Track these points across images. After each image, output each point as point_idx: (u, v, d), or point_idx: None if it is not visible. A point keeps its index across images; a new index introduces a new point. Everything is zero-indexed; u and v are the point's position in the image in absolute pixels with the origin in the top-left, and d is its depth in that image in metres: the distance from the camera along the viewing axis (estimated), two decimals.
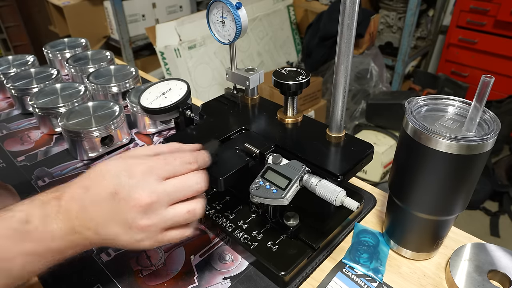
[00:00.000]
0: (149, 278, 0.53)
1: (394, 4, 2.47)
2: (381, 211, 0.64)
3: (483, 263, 0.51)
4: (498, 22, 2.19)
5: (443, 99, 0.48)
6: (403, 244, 0.55)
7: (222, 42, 0.62)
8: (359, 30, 2.22)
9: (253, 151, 0.54)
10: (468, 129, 0.44)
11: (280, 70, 0.59)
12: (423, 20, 2.61)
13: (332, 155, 0.54)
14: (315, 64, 2.40)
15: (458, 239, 0.58)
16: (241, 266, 0.55)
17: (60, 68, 1.13)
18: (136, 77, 0.95)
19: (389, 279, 0.53)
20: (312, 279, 0.53)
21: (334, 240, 0.58)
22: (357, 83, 2.34)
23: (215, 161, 0.47)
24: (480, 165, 0.44)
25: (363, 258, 0.55)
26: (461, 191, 0.46)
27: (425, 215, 0.50)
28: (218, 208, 0.61)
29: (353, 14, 0.45)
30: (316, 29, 2.35)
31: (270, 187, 0.48)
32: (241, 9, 0.57)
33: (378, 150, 1.97)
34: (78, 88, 0.90)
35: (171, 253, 0.57)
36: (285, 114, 0.61)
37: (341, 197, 0.46)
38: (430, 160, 0.44)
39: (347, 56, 0.49)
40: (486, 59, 2.34)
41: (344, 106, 0.53)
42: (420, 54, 2.68)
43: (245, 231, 0.57)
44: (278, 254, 0.53)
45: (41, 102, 0.85)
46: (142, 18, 2.50)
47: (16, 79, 0.96)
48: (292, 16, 2.75)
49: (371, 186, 0.70)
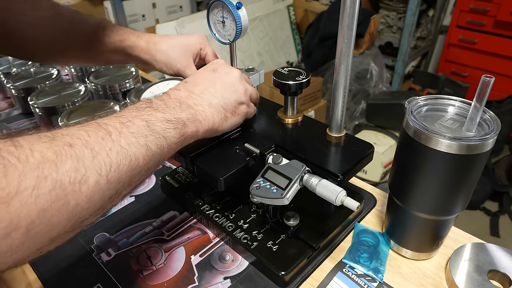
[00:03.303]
0: (149, 278, 0.53)
1: (394, 4, 2.47)
2: (381, 211, 0.64)
3: (483, 263, 0.51)
4: (498, 22, 2.19)
5: (443, 99, 0.48)
6: (403, 244, 0.55)
7: (222, 42, 0.62)
8: (359, 30, 2.22)
9: (253, 151, 0.54)
10: (468, 129, 0.44)
11: (280, 70, 0.59)
12: (423, 20, 2.61)
13: (332, 155, 0.54)
14: (315, 64, 2.40)
15: (458, 239, 0.58)
16: (241, 266, 0.55)
17: (60, 68, 1.12)
18: (136, 77, 0.95)
19: (389, 279, 0.53)
20: (312, 279, 0.53)
21: (334, 240, 0.58)
22: (357, 83, 2.34)
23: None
24: (480, 165, 0.44)
25: (363, 258, 0.55)
26: (461, 191, 0.46)
27: (425, 215, 0.50)
28: (218, 208, 0.61)
29: (353, 14, 0.45)
30: (316, 29, 2.35)
31: (270, 187, 0.48)
32: (241, 9, 0.57)
33: (378, 150, 1.97)
34: (78, 88, 0.90)
35: (171, 253, 0.57)
36: (285, 114, 0.61)
37: (341, 197, 0.46)
38: (430, 160, 0.44)
39: (347, 56, 0.49)
40: (486, 59, 2.34)
41: (344, 106, 0.53)
42: (420, 54, 2.67)
43: (245, 231, 0.57)
44: (278, 254, 0.53)
45: (41, 102, 0.85)
46: (142, 18, 2.50)
47: (17, 79, 0.96)
48: (292, 16, 2.75)
49: (371, 186, 0.70)
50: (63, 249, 0.58)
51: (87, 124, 0.38)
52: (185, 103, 0.48)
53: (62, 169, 0.31)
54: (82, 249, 0.58)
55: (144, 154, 0.40)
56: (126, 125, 0.40)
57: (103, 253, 0.57)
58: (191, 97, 0.49)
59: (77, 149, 0.33)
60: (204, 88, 0.51)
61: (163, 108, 0.45)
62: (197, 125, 0.48)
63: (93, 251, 0.58)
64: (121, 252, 0.57)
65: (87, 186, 0.33)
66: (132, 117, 0.41)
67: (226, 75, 0.54)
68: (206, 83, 0.52)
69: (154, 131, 0.42)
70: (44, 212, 0.29)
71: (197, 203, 0.62)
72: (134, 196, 0.68)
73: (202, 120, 0.48)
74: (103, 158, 0.35)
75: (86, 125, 0.38)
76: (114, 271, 0.55)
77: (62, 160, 0.32)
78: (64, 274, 0.55)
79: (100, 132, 0.37)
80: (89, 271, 0.55)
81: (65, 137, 0.34)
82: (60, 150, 0.32)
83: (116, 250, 0.58)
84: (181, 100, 0.48)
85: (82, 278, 0.54)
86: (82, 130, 0.36)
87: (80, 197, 0.32)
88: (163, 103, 0.46)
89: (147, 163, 0.40)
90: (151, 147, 0.41)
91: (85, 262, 0.56)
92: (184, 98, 0.48)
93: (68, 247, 0.58)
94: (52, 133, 0.34)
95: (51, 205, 0.30)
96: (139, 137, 0.40)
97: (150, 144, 0.41)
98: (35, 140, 0.32)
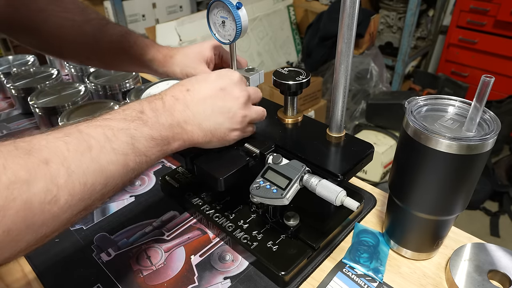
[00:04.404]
0: (149, 278, 0.53)
1: (394, 4, 2.47)
2: (381, 211, 0.64)
3: (483, 263, 0.51)
4: (498, 22, 2.19)
5: (443, 99, 0.48)
6: (403, 244, 0.55)
7: (223, 42, 0.62)
8: (359, 30, 2.22)
9: (253, 151, 0.54)
10: (468, 129, 0.44)
11: (280, 70, 0.59)
12: (423, 20, 2.61)
13: (332, 155, 0.54)
14: (315, 64, 2.40)
15: (458, 239, 0.58)
16: (241, 266, 0.55)
17: (60, 68, 1.13)
18: (136, 77, 0.95)
19: (389, 279, 0.53)
20: (312, 279, 0.53)
21: (334, 240, 0.58)
22: (357, 83, 2.34)
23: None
24: (480, 165, 0.44)
25: (363, 258, 0.55)
26: (461, 191, 0.46)
27: (425, 215, 0.50)
28: (218, 208, 0.61)
29: (353, 14, 0.45)
30: (316, 29, 2.35)
31: (270, 187, 0.48)
32: (241, 9, 0.57)
33: (378, 150, 1.97)
34: (78, 88, 0.90)
35: (171, 253, 0.57)
36: (285, 114, 0.61)
37: (341, 197, 0.46)
38: (430, 160, 0.44)
39: (347, 56, 0.49)
40: (486, 59, 2.34)
41: (344, 106, 0.53)
42: (420, 54, 2.67)
43: (245, 231, 0.57)
44: (278, 254, 0.53)
45: (41, 102, 0.85)
46: (142, 18, 2.49)
47: (17, 79, 0.96)
48: (292, 16, 2.75)
49: (371, 186, 0.70)
50: (63, 249, 0.58)
51: (71, 132, 0.36)
52: (176, 119, 0.46)
53: (33, 189, 0.30)
54: (82, 249, 0.58)
55: (121, 172, 0.39)
56: (110, 140, 0.38)
57: (103, 253, 0.57)
58: (185, 112, 0.47)
59: (52, 167, 0.32)
60: (202, 108, 0.48)
61: (152, 122, 0.44)
62: (180, 143, 0.47)
63: (93, 251, 0.58)
64: (121, 252, 0.57)
65: (57, 207, 0.32)
66: (118, 130, 0.40)
67: (231, 100, 0.50)
68: (206, 101, 0.48)
69: (136, 149, 0.41)
70: (9, 232, 0.29)
71: (197, 203, 0.62)
72: (134, 196, 0.68)
73: (186, 139, 0.47)
74: (78, 177, 0.34)
75: (69, 133, 0.36)
76: (114, 271, 0.55)
77: (35, 179, 0.31)
78: (64, 274, 0.55)
79: (81, 146, 0.36)
80: (89, 271, 0.55)
81: (43, 151, 0.33)
82: (35, 168, 0.31)
83: (116, 250, 0.58)
84: (174, 114, 0.46)
85: (82, 278, 0.54)
86: (62, 142, 0.35)
87: (48, 217, 0.32)
88: (154, 116, 0.44)
89: (122, 179, 0.40)
90: (130, 164, 0.40)
91: (85, 262, 0.56)
92: (177, 112, 0.47)
93: (68, 247, 0.58)
94: (30, 144, 0.33)
95: (16, 225, 0.29)
96: (119, 155, 0.39)
97: (129, 162, 0.40)
98: (10, 154, 0.30)
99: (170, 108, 0.46)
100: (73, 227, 0.62)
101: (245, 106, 0.51)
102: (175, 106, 0.47)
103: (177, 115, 0.46)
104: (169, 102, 0.47)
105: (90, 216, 0.64)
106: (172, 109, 0.46)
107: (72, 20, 0.64)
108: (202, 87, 0.49)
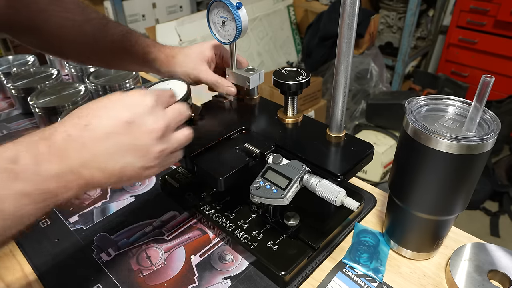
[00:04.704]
0: (149, 278, 0.53)
1: (394, 4, 2.47)
2: (381, 211, 0.64)
3: (483, 263, 0.51)
4: (498, 22, 2.18)
5: (443, 99, 0.48)
6: (403, 244, 0.55)
7: (223, 42, 0.62)
8: (359, 30, 2.22)
9: (253, 151, 0.54)
10: (468, 129, 0.44)
11: (280, 70, 0.59)
12: (423, 20, 2.61)
13: (332, 155, 0.54)
14: (315, 64, 2.40)
15: (458, 239, 0.58)
16: (241, 266, 0.55)
17: (60, 68, 1.13)
18: (136, 77, 0.95)
19: (389, 279, 0.53)
20: (312, 279, 0.53)
21: (334, 240, 0.58)
22: (357, 83, 2.34)
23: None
24: (480, 165, 0.44)
25: (363, 258, 0.55)
26: (461, 191, 0.46)
27: (425, 215, 0.50)
28: (218, 208, 0.61)
29: (353, 14, 0.45)
30: (316, 29, 2.35)
31: (270, 187, 0.48)
32: (241, 9, 0.57)
33: (378, 150, 1.97)
34: (78, 88, 0.90)
35: (171, 253, 0.57)
36: (285, 114, 0.61)
37: (341, 197, 0.46)
38: (430, 160, 0.44)
39: (347, 56, 0.49)
40: (486, 59, 2.34)
41: (344, 106, 0.53)
42: (420, 54, 2.67)
43: (245, 231, 0.57)
44: (278, 254, 0.53)
45: (41, 102, 0.85)
46: (142, 18, 2.50)
47: (17, 79, 0.96)
48: (292, 16, 2.75)
49: (371, 186, 0.70)
50: (63, 249, 0.58)
51: None
52: (68, 164, 0.37)
53: None
54: (82, 249, 0.58)
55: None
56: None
57: (103, 253, 0.57)
58: (81, 153, 0.37)
59: None
60: (104, 146, 0.38)
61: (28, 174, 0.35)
62: (74, 191, 0.38)
63: (93, 251, 0.58)
64: (121, 252, 0.57)
65: None
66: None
67: (142, 135, 0.40)
68: (109, 138, 0.39)
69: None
70: None
71: (197, 203, 0.62)
72: (134, 196, 0.68)
73: (83, 185, 0.38)
74: None
75: None
76: (114, 271, 0.55)
77: None
78: (64, 274, 0.55)
79: None
80: (89, 271, 0.55)
81: None
82: None
83: (116, 250, 0.58)
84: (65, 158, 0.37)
85: (82, 278, 0.54)
86: None
87: None
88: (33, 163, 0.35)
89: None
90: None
91: (85, 262, 0.56)
92: (71, 154, 0.37)
93: (68, 247, 0.58)
94: None
95: None
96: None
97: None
98: None
99: (59, 151, 0.37)
100: (73, 227, 0.62)
101: (162, 139, 0.42)
102: (68, 147, 0.37)
103: (70, 159, 0.37)
104: (59, 142, 0.37)
105: (90, 216, 0.64)
106: (62, 152, 0.37)
107: (72, 20, 0.64)
108: (104, 120, 0.39)
